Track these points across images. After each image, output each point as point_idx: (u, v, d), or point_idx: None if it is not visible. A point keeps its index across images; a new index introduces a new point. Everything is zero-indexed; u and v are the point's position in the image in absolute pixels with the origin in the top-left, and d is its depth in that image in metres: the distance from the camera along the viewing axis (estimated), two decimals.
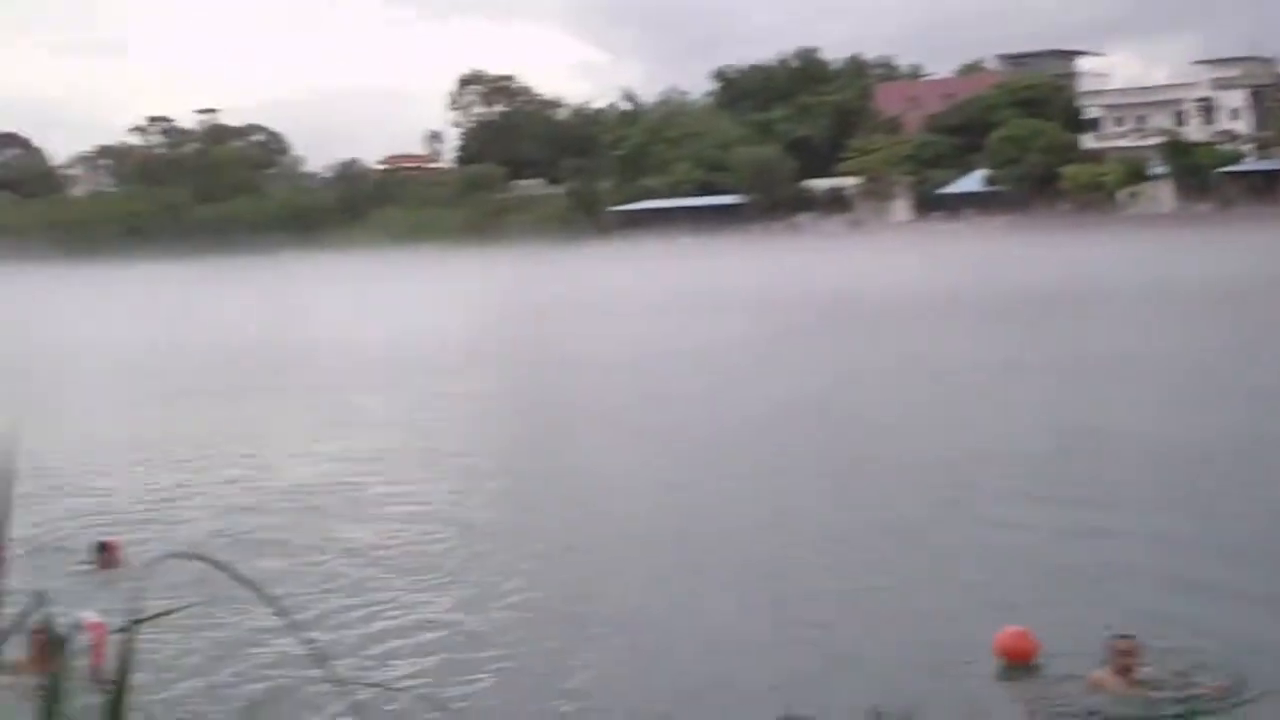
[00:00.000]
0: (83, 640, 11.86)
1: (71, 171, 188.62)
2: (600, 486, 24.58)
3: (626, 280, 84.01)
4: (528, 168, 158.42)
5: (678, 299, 68.16)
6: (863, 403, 32.88)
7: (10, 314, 72.63)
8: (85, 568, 18.02)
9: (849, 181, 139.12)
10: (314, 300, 79.18)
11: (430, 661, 14.73)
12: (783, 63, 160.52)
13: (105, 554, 18.15)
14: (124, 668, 2.70)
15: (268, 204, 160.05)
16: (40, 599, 4.22)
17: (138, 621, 2.81)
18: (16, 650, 12.61)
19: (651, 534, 20.45)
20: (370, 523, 21.73)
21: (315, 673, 12.71)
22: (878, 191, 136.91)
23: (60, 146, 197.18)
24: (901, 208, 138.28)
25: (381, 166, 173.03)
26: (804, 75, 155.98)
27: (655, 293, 73.14)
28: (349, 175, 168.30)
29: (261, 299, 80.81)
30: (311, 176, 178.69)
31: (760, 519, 20.81)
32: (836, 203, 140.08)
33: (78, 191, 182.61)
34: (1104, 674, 12.82)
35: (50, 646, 12.05)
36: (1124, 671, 12.75)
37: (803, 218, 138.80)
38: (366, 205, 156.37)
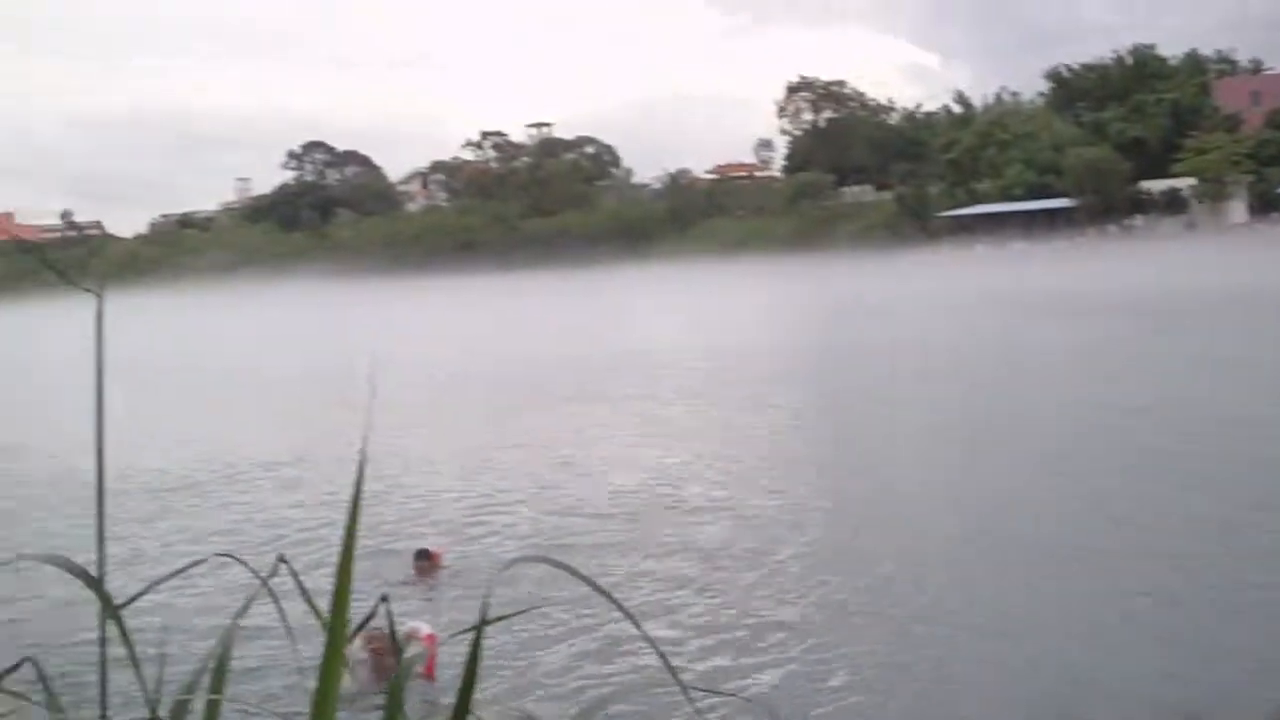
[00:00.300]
0: (418, 648, 12.29)
1: (407, 188, 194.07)
2: (938, 493, 23.60)
3: (956, 285, 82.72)
4: (856, 174, 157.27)
5: (1010, 303, 66.74)
6: (1211, 404, 30.93)
7: (348, 327, 75.03)
8: (408, 575, 18.06)
9: (1185, 182, 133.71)
10: (640, 310, 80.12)
11: (776, 671, 14.13)
12: (1117, 60, 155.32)
13: (426, 561, 18.26)
14: (470, 670, 2.61)
15: (597, 216, 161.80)
16: (383, 602, 3.58)
17: (485, 623, 2.60)
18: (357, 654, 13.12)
19: (993, 538, 19.69)
20: (699, 528, 21.40)
21: (659, 677, 12.48)
22: (1215, 192, 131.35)
23: (398, 163, 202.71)
24: (1239, 209, 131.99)
25: (710, 176, 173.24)
26: (1139, 73, 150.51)
27: (985, 297, 71.61)
28: (678, 185, 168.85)
29: (588, 310, 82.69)
30: (642, 187, 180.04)
31: (1115, 523, 19.75)
32: (1172, 204, 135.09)
33: (413, 207, 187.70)
34: None
35: (391, 652, 12.54)
36: None
37: (1137, 220, 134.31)
38: (695, 215, 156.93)
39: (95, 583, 2.72)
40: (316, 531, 22.44)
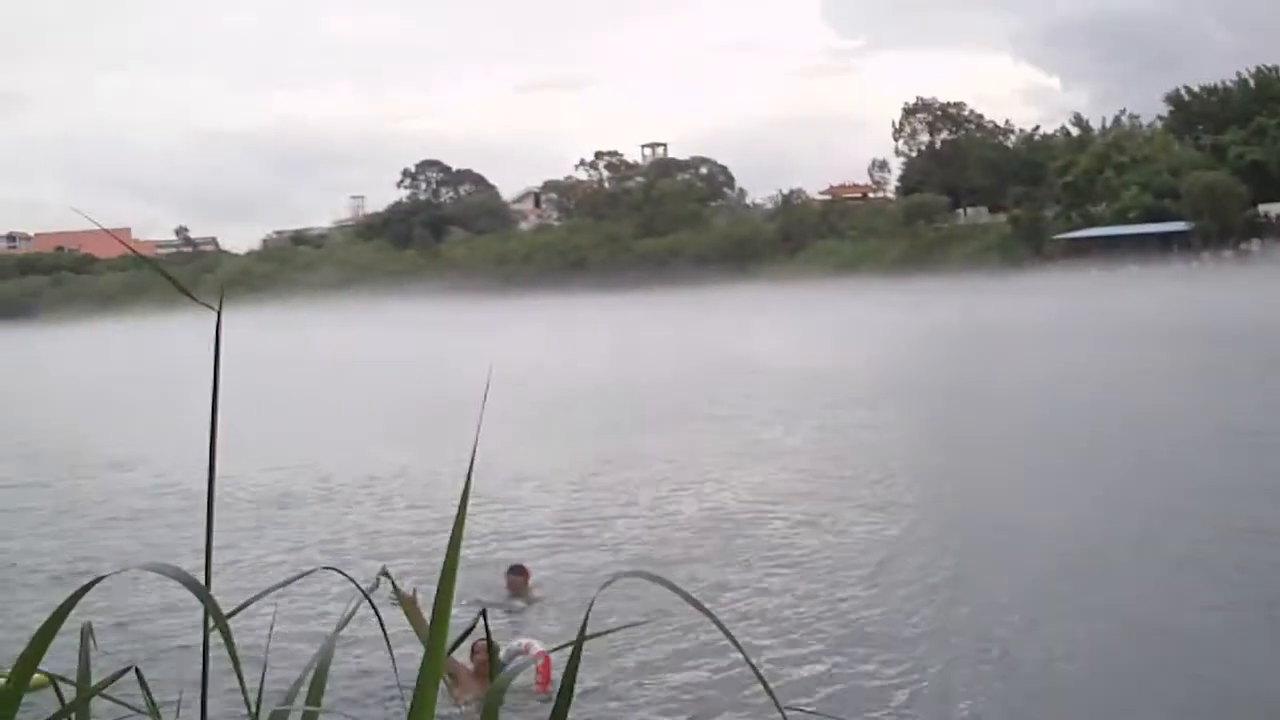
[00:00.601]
0: (524, 661, 12.40)
1: (520, 207, 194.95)
2: (1041, 516, 23.45)
3: (1067, 309, 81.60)
4: (971, 196, 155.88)
5: (1120, 327, 66.03)
6: None
7: (457, 344, 75.38)
8: (499, 590, 18.30)
9: None
10: (747, 330, 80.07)
11: (882, 693, 14.19)
12: (1240, 83, 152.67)
13: (517, 577, 18.42)
14: (568, 681, 2.65)
15: (710, 236, 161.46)
16: (483, 614, 4.62)
17: (585, 638, 2.65)
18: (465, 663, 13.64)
19: (1094, 556, 19.93)
20: (792, 549, 21.80)
21: (752, 694, 13.73)
22: None
23: (512, 183, 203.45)
24: None
25: (824, 196, 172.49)
26: (1261, 95, 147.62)
27: (1095, 321, 70.66)
28: (791, 206, 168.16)
29: (695, 329, 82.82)
30: (755, 208, 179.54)
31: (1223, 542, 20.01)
32: None
33: (525, 226, 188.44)
34: None
35: (491, 662, 12.92)
36: None
37: (1254, 244, 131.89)
38: (807, 236, 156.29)
39: (203, 591, 2.78)
40: (413, 543, 22.76)
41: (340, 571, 3.22)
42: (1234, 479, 25.87)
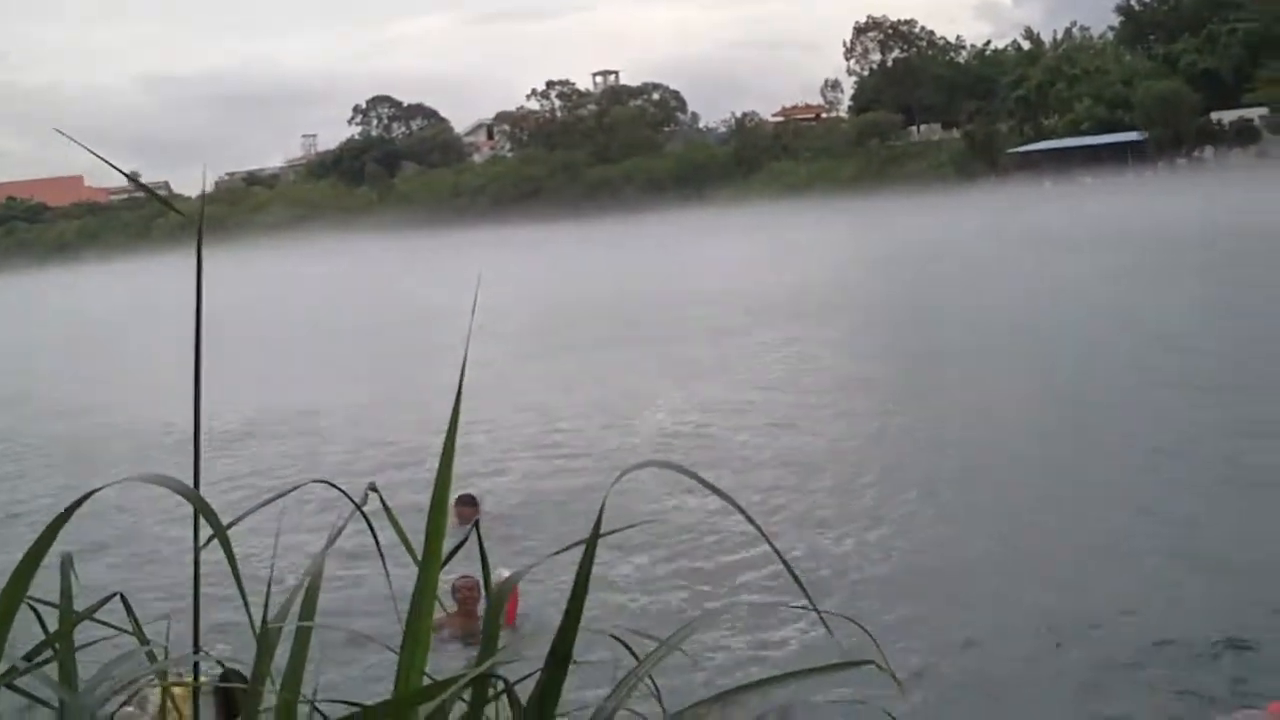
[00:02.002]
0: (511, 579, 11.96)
1: (473, 139, 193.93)
2: (985, 424, 24.32)
3: (1020, 221, 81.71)
4: (924, 113, 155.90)
5: (1073, 238, 66.47)
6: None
7: (410, 278, 75.49)
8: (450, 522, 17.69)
9: (1256, 112, 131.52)
10: (700, 254, 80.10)
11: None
12: None
13: (467, 508, 18.17)
14: (581, 581, 2.61)
15: (663, 162, 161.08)
16: (475, 526, 3.71)
17: (601, 535, 2.63)
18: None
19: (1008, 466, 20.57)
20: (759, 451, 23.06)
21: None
22: None
23: (464, 116, 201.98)
24: None
25: (777, 119, 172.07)
26: (1212, 2, 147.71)
27: (1049, 233, 70.88)
28: (744, 129, 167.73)
29: (649, 254, 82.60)
30: (708, 132, 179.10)
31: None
32: (1243, 135, 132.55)
33: (478, 159, 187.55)
34: None
35: (478, 592, 13.19)
36: None
37: (1207, 152, 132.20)
38: (761, 158, 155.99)
39: (200, 500, 2.73)
40: (382, 473, 22.77)
41: (332, 484, 3.16)
42: (1168, 376, 27.03)
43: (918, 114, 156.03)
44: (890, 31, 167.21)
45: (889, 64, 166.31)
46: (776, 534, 17.15)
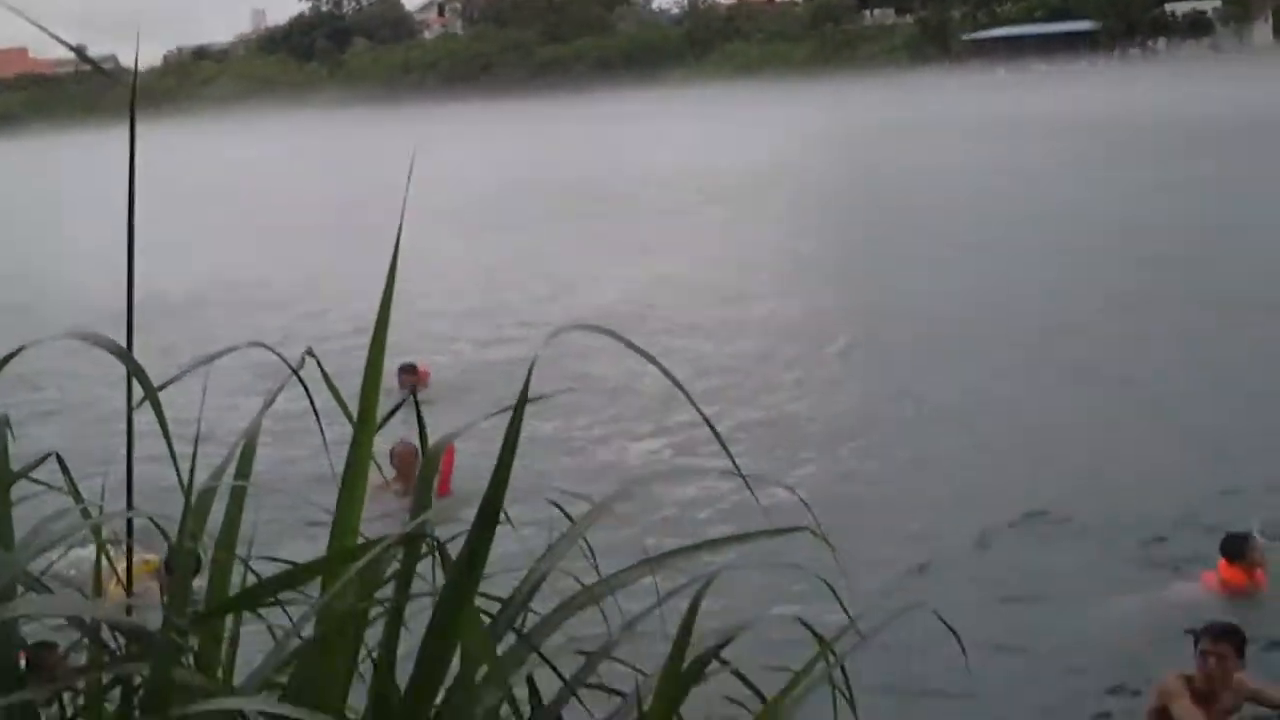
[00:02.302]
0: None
1: (424, 16, 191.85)
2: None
3: (969, 109, 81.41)
4: None
5: (1021, 125, 66.27)
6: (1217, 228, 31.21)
7: (356, 154, 75.07)
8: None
9: (1209, 4, 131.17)
10: (649, 134, 79.76)
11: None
12: None
13: (410, 376, 18.25)
14: (510, 442, 2.59)
15: (615, 41, 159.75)
16: (413, 392, 4.23)
17: (529, 400, 2.62)
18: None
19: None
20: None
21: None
22: (1240, 14, 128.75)
23: None
24: (1265, 31, 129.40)
25: (730, 1, 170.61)
26: None
27: (997, 119, 70.52)
28: (697, 10, 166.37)
29: (598, 134, 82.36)
30: (661, 13, 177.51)
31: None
32: (1196, 26, 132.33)
33: (429, 35, 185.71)
34: None
35: (415, 457, 12.52)
36: None
37: (1160, 43, 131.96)
38: (714, 40, 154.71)
39: (131, 361, 2.72)
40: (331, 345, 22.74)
41: (268, 347, 3.16)
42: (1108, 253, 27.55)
43: None
44: None
45: None
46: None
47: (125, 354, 2.72)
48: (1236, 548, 11.22)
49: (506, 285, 29.80)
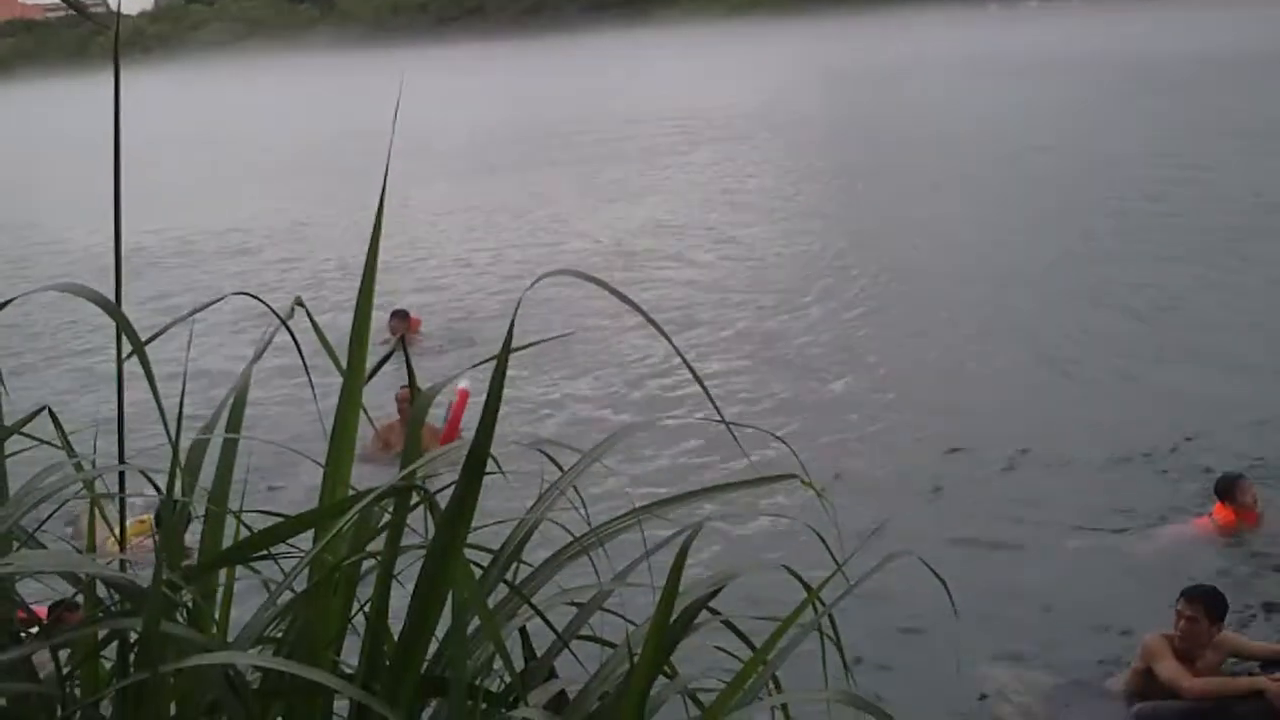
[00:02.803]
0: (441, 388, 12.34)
1: None
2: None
3: (959, 45, 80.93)
4: None
5: (982, 65, 65.56)
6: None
7: (343, 98, 74.75)
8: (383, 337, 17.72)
9: None
10: (641, 74, 79.27)
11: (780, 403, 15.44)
12: None
13: (400, 322, 18.25)
14: (495, 391, 2.56)
15: None
16: (401, 341, 4.18)
17: (513, 350, 2.59)
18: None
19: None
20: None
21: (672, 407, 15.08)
22: None
23: None
24: None
25: None
26: None
27: (984, 56, 70.15)
28: None
29: (590, 75, 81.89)
30: None
31: None
32: None
33: None
34: None
35: (413, 393, 12.25)
36: None
37: None
38: None
39: (119, 314, 2.71)
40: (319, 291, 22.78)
41: (255, 296, 3.16)
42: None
43: None
44: None
45: None
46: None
47: (113, 307, 2.71)
48: (1227, 488, 11.32)
49: (495, 229, 29.80)
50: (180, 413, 2.86)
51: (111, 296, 2.77)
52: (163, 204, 33.28)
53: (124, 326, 2.70)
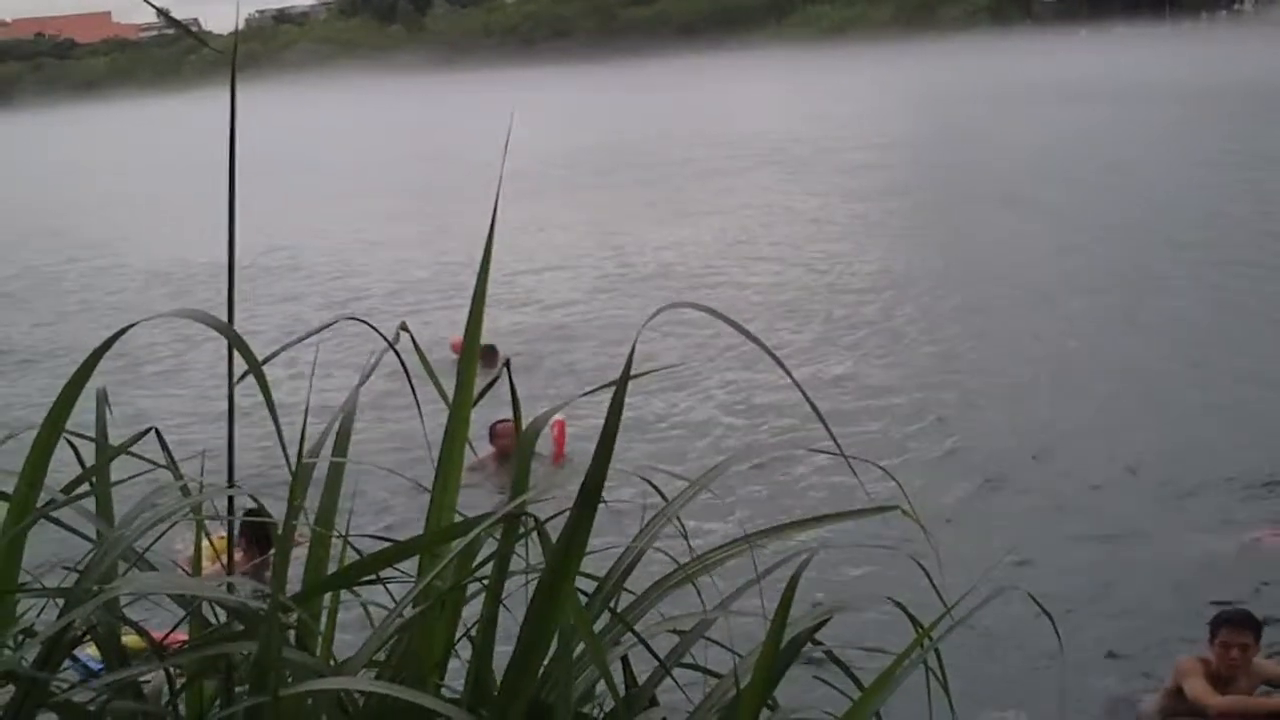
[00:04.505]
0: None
1: None
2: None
3: (1053, 70, 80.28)
4: None
5: (1101, 89, 64.77)
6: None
7: (433, 117, 75.18)
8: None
9: None
10: (728, 98, 79.05)
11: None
12: None
13: (488, 356, 17.92)
14: (611, 424, 2.56)
15: (697, 3, 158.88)
16: (506, 365, 3.43)
17: (631, 376, 2.58)
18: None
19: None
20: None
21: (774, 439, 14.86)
22: None
23: None
24: None
25: None
26: None
27: (1077, 82, 69.36)
28: None
29: (677, 97, 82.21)
30: None
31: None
32: None
33: None
34: None
35: (516, 420, 12.34)
36: None
37: (1246, 4, 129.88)
38: (796, 2, 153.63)
39: (234, 335, 2.74)
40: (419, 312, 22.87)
41: (364, 321, 3.17)
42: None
43: None
44: None
45: None
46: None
47: (227, 328, 2.75)
48: None
49: (577, 251, 30.03)
50: (302, 435, 2.88)
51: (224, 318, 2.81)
52: (256, 221, 33.73)
53: (238, 346, 2.73)
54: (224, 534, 4.92)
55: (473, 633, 2.78)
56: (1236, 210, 28.32)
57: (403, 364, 3.07)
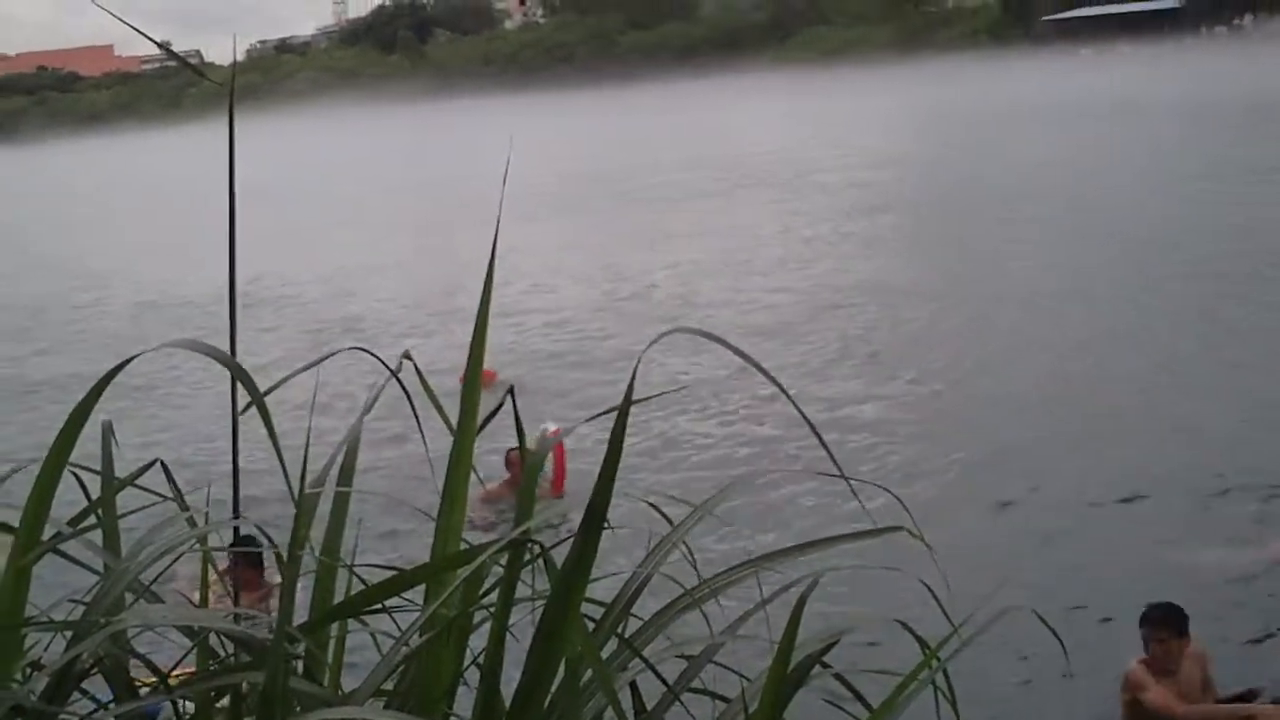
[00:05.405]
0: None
1: (504, 5, 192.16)
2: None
3: (1053, 91, 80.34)
4: None
5: (1101, 108, 64.71)
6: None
7: (430, 146, 75.30)
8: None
9: None
10: (727, 121, 79.23)
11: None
12: None
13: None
14: (616, 445, 2.57)
15: (697, 27, 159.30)
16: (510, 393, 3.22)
17: (633, 402, 2.56)
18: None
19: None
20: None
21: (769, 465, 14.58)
22: None
23: None
24: None
25: None
26: None
27: (1075, 102, 69.42)
28: None
29: (677, 121, 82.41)
30: None
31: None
32: None
33: (510, 25, 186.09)
34: None
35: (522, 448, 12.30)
36: None
37: (1246, 20, 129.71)
38: (796, 24, 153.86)
39: (236, 366, 2.74)
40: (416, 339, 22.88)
41: (368, 351, 3.18)
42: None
43: None
44: None
45: None
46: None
47: (229, 360, 2.75)
48: None
49: (561, 272, 30.23)
50: (304, 467, 2.88)
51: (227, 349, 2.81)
52: (254, 251, 33.79)
53: (241, 378, 2.73)
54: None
55: (480, 661, 2.77)
56: (1237, 221, 28.37)
57: (409, 398, 3.07)
